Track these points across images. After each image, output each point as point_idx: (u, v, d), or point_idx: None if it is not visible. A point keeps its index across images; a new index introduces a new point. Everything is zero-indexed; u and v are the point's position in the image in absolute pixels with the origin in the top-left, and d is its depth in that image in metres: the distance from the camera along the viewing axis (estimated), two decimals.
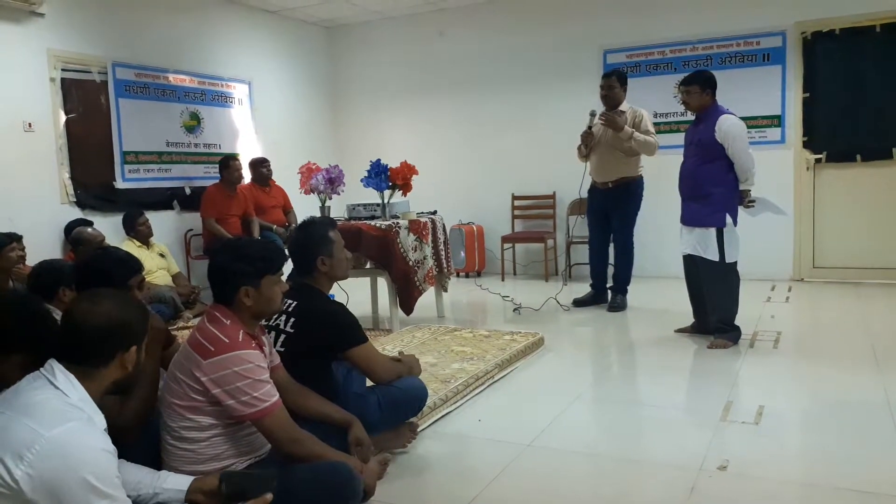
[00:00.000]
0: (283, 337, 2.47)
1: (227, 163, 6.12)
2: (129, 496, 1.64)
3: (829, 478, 2.46)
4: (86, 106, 5.57)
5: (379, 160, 5.02)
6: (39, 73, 5.23)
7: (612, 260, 5.52)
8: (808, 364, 3.89)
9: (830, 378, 3.60)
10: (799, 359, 3.98)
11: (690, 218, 4.19)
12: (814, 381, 3.60)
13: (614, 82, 5.22)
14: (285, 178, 6.56)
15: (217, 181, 6.17)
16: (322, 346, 2.51)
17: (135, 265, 2.34)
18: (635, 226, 5.38)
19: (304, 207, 6.38)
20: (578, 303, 5.51)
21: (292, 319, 2.50)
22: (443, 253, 5.26)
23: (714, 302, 4.20)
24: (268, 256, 2.14)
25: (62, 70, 5.38)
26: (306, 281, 2.64)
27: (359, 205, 5.22)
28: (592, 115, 5.25)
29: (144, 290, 2.34)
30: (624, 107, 5.23)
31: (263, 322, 2.31)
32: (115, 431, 1.71)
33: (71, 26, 5.44)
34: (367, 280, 5.49)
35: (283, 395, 2.19)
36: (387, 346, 4.31)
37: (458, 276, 7.09)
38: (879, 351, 3.94)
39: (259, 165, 6.51)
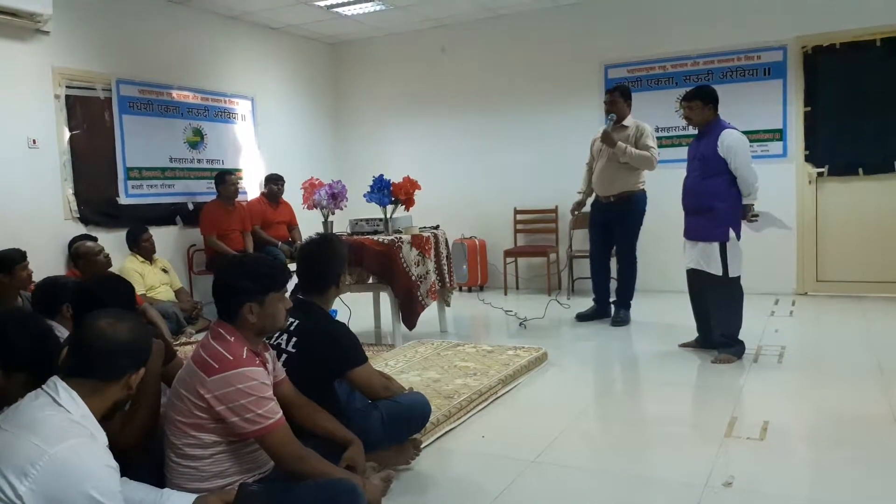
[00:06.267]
0: (284, 356, 2.46)
1: (223, 178, 6.14)
2: None
3: (835, 494, 2.44)
4: (90, 122, 5.60)
5: (381, 175, 5.03)
6: (44, 89, 5.26)
7: (613, 274, 5.52)
8: (812, 379, 3.87)
9: (835, 393, 3.58)
10: (803, 373, 3.96)
11: (694, 232, 4.19)
12: (819, 396, 3.58)
13: (617, 97, 5.24)
14: (288, 193, 6.60)
15: (215, 197, 6.19)
16: (324, 366, 2.50)
17: (115, 300, 2.30)
18: (638, 240, 5.38)
19: (308, 223, 6.40)
20: (581, 317, 5.49)
21: (294, 339, 2.49)
22: (445, 267, 5.26)
23: (718, 316, 4.19)
24: (272, 273, 2.15)
25: (66, 87, 5.41)
26: (311, 298, 2.64)
27: (361, 220, 5.23)
28: (611, 119, 5.21)
29: None
30: (628, 121, 5.25)
31: (266, 339, 2.30)
32: (118, 449, 1.71)
33: (75, 44, 5.48)
34: (369, 295, 5.49)
35: (290, 410, 2.19)
36: (389, 361, 4.30)
37: (460, 290, 7.09)
38: (884, 365, 3.92)
39: (272, 182, 6.58)
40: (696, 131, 4.31)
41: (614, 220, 5.33)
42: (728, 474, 2.57)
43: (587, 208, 5.58)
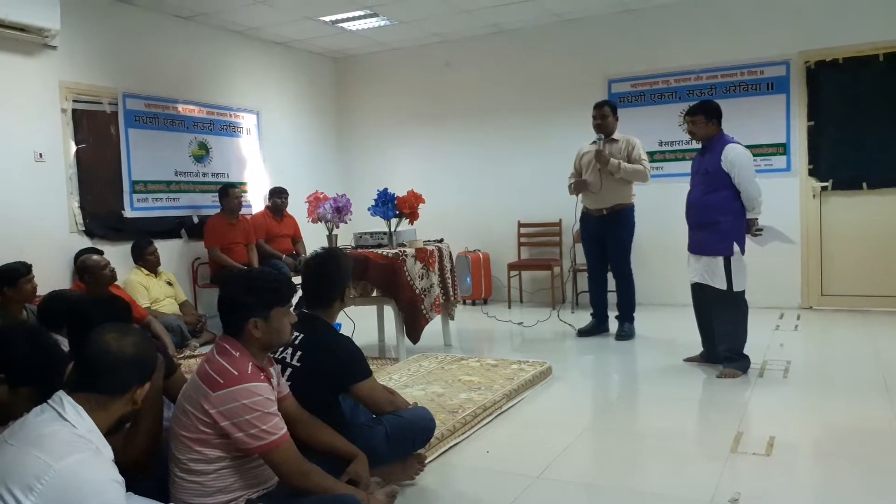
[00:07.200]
0: (289, 370, 2.46)
1: (227, 191, 6.17)
2: None
3: None
4: (96, 136, 5.63)
5: (386, 189, 5.05)
6: (51, 104, 5.29)
7: (610, 287, 5.49)
8: (818, 393, 3.85)
9: (841, 408, 3.56)
10: (809, 388, 3.94)
11: (698, 246, 4.19)
12: (824, 411, 3.56)
13: (607, 112, 5.25)
14: (293, 206, 6.62)
15: (218, 211, 6.21)
16: (328, 380, 2.50)
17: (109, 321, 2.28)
18: (632, 253, 5.35)
19: (312, 236, 6.41)
20: (582, 333, 5.45)
21: (299, 353, 2.49)
22: (449, 281, 5.26)
23: (722, 331, 4.17)
24: (278, 288, 2.15)
25: (73, 101, 5.45)
26: (315, 312, 2.64)
27: (366, 233, 5.24)
28: (600, 138, 5.25)
29: None
30: (617, 135, 5.26)
31: (270, 354, 2.30)
32: (122, 464, 1.71)
33: (82, 58, 5.52)
34: (373, 308, 5.48)
35: (294, 426, 2.18)
36: (393, 375, 4.29)
37: (464, 303, 7.08)
38: (890, 380, 3.90)
39: (275, 195, 6.62)
40: (699, 146, 4.32)
41: (608, 233, 5.29)
42: (734, 490, 2.55)
43: (579, 212, 5.52)
